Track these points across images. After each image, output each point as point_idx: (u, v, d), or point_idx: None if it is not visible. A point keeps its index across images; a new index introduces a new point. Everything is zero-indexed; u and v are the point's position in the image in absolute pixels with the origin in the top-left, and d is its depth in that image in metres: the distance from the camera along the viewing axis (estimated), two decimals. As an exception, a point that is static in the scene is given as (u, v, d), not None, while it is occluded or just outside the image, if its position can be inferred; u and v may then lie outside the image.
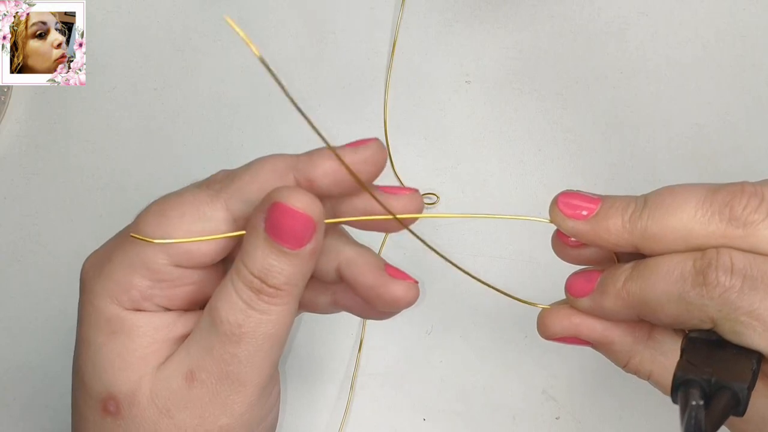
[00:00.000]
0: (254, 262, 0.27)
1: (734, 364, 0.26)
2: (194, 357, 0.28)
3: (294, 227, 0.27)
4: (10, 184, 0.47)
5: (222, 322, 0.27)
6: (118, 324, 0.28)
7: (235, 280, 0.27)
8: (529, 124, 0.47)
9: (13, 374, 0.44)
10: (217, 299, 0.28)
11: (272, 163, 0.29)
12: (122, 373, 0.28)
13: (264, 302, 0.27)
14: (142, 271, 0.28)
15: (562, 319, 0.30)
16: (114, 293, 0.28)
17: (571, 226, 0.28)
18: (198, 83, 0.48)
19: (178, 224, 0.28)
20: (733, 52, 0.47)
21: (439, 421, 0.43)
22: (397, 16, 0.48)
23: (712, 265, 0.25)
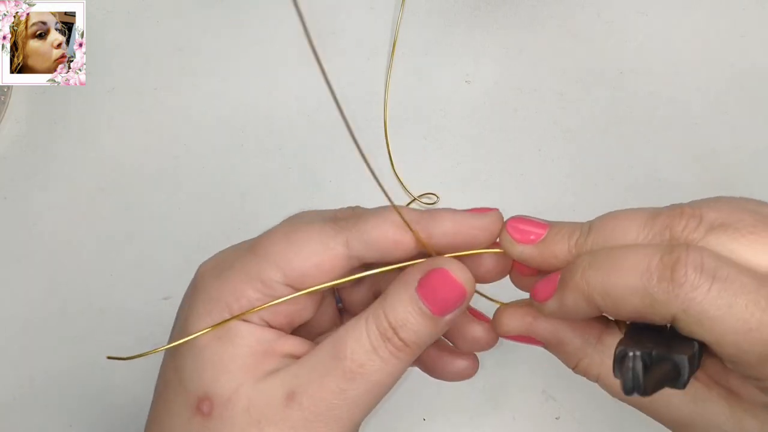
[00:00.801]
0: (394, 313, 0.29)
1: (676, 343, 0.26)
2: (302, 380, 0.28)
3: (447, 296, 0.29)
4: (10, 184, 0.47)
5: (346, 357, 0.28)
6: (224, 329, 0.29)
7: (369, 322, 0.29)
8: (529, 124, 0.47)
9: (13, 374, 0.44)
10: (347, 335, 0.29)
11: (386, 216, 0.30)
12: (222, 376, 0.28)
13: (389, 351, 0.28)
14: (256, 283, 0.29)
15: (516, 318, 0.31)
16: (227, 298, 0.29)
17: (520, 251, 0.30)
18: (198, 83, 0.48)
19: (300, 249, 0.29)
20: (733, 52, 0.47)
21: (439, 421, 0.43)
22: (397, 16, 0.48)
23: (681, 260, 0.25)
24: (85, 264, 0.46)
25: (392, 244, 0.29)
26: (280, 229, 0.30)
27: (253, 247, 0.30)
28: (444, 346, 0.34)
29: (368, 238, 0.29)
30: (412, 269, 0.29)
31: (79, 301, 0.45)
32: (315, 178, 0.46)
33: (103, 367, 0.44)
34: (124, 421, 0.43)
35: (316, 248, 0.29)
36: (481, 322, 0.32)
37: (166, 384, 0.30)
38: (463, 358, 0.34)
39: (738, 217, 0.27)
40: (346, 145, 0.51)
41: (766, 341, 0.24)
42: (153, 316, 0.45)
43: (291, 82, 0.48)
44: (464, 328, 0.32)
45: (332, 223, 0.30)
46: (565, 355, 0.30)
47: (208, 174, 0.47)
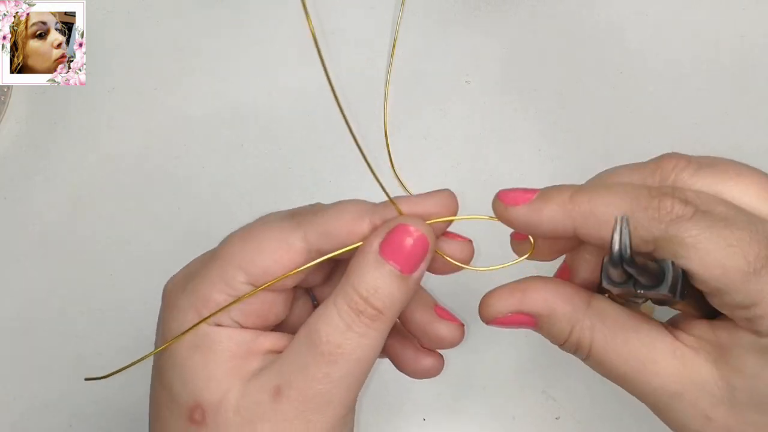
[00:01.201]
0: (363, 282, 0.28)
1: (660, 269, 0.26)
2: (285, 373, 0.28)
3: (413, 249, 0.29)
4: (10, 184, 0.47)
5: (321, 341, 0.28)
6: (200, 337, 0.29)
7: (338, 301, 0.29)
8: (529, 124, 0.47)
9: (13, 374, 0.44)
10: (318, 320, 0.29)
11: (354, 204, 0.31)
12: (209, 384, 0.29)
13: (364, 324, 0.28)
14: (221, 286, 0.29)
15: (504, 298, 0.30)
16: (196, 307, 0.29)
17: (512, 213, 0.30)
18: (198, 83, 0.48)
19: (259, 248, 0.30)
20: (733, 52, 0.47)
21: (439, 421, 0.43)
22: (397, 16, 0.48)
23: (668, 194, 0.27)
24: (85, 264, 0.46)
25: (346, 234, 0.30)
26: (239, 231, 0.31)
27: (214, 253, 0.31)
28: (410, 342, 0.34)
29: (325, 229, 0.30)
30: (370, 237, 0.29)
31: (79, 301, 0.45)
32: (315, 178, 0.46)
33: (103, 366, 0.44)
34: (124, 421, 0.43)
35: (274, 245, 0.29)
36: (444, 320, 0.33)
37: (157, 403, 0.30)
38: (428, 356, 0.34)
39: (725, 164, 0.29)
40: (346, 145, 0.51)
41: (746, 255, 0.25)
42: (153, 316, 0.45)
43: (291, 82, 0.48)
44: (429, 326, 0.32)
45: (289, 219, 0.30)
46: (555, 326, 0.30)
47: (208, 174, 0.47)
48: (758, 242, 0.26)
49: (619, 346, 0.29)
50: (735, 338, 0.27)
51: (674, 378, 0.28)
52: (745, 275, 0.25)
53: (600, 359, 0.29)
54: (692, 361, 0.28)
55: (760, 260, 0.25)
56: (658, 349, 0.28)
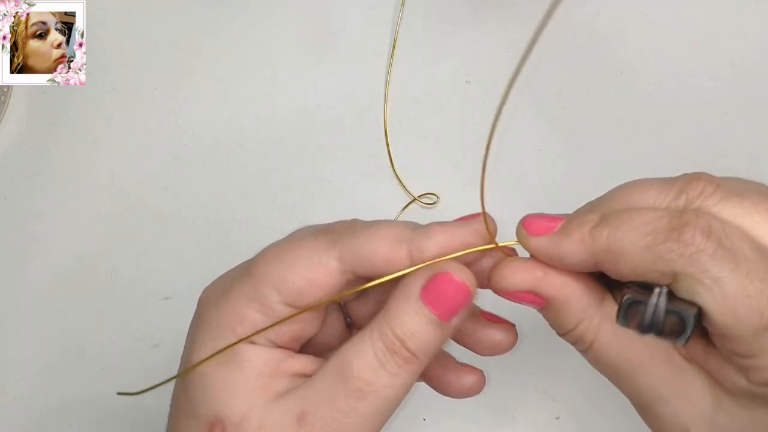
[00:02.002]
0: (400, 324, 0.28)
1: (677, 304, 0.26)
2: (312, 401, 0.28)
3: (452, 300, 0.29)
4: (10, 184, 0.47)
5: (353, 376, 0.28)
6: (230, 353, 0.29)
7: (374, 338, 0.28)
8: (529, 124, 0.47)
9: (13, 374, 0.44)
10: (351, 353, 0.28)
11: (392, 228, 0.30)
12: (232, 400, 0.28)
13: (396, 365, 0.28)
14: (255, 305, 0.29)
15: (523, 272, 0.29)
16: (230, 323, 0.29)
17: (533, 244, 0.29)
18: (198, 83, 0.48)
19: (292, 267, 0.29)
20: (733, 52, 0.47)
21: (439, 421, 0.43)
22: (397, 16, 0.48)
23: (691, 224, 0.26)
24: (85, 264, 0.46)
25: (383, 261, 0.29)
26: (273, 248, 0.30)
27: (248, 269, 0.30)
28: (449, 362, 0.34)
29: (360, 252, 0.29)
30: (411, 277, 0.29)
31: (79, 302, 0.45)
32: (315, 178, 0.46)
33: (103, 366, 0.44)
34: (124, 421, 0.43)
35: (307, 264, 0.29)
36: (497, 324, 0.32)
37: (178, 411, 0.30)
38: (471, 374, 0.34)
39: (753, 192, 0.27)
40: (346, 145, 0.51)
41: (763, 310, 0.25)
42: (153, 316, 0.45)
43: (291, 82, 0.48)
44: (480, 332, 0.32)
45: (324, 237, 0.30)
46: (566, 315, 0.29)
47: (208, 174, 0.47)
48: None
49: (620, 347, 0.29)
50: (726, 373, 0.27)
51: (666, 382, 0.28)
52: (757, 329, 0.25)
53: (598, 356, 0.29)
54: (687, 373, 0.28)
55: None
56: (659, 355, 0.28)
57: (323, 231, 0.30)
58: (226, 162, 0.47)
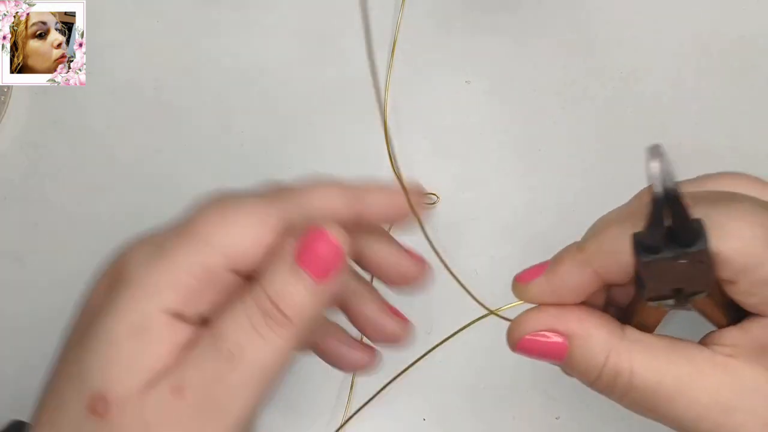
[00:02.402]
0: (272, 284, 0.27)
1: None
2: (185, 371, 0.26)
3: (324, 255, 0.27)
4: (10, 184, 0.47)
5: (223, 339, 0.26)
6: (149, 323, 0.26)
7: (246, 300, 0.27)
8: (529, 124, 0.47)
9: (14, 374, 0.44)
10: (223, 318, 0.27)
11: (328, 183, 0.30)
12: (128, 375, 0.26)
13: (269, 328, 0.26)
14: (197, 271, 0.27)
15: (538, 315, 0.29)
16: (161, 290, 0.27)
17: (532, 288, 0.29)
18: (198, 83, 0.48)
19: (239, 226, 0.28)
20: (733, 52, 0.47)
21: (439, 421, 0.43)
22: (397, 16, 0.48)
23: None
24: (85, 264, 0.45)
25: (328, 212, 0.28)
26: (212, 206, 0.29)
27: (187, 229, 0.28)
28: (342, 336, 0.34)
29: (302, 206, 0.28)
30: (286, 237, 0.28)
31: (79, 301, 0.45)
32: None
33: (103, 367, 0.44)
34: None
35: (253, 221, 0.28)
36: (394, 316, 0.33)
37: (61, 375, 0.28)
38: (360, 351, 0.33)
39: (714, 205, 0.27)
40: (346, 146, 0.51)
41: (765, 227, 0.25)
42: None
43: (291, 81, 0.48)
44: (378, 320, 0.32)
45: (263, 191, 0.29)
46: (591, 351, 0.28)
47: (208, 174, 0.47)
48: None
49: (662, 365, 0.27)
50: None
51: (725, 390, 0.26)
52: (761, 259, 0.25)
53: (643, 384, 0.27)
54: (737, 368, 0.27)
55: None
56: (701, 363, 0.27)
57: (271, 188, 0.29)
58: (226, 162, 0.47)
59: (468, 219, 0.45)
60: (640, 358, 0.27)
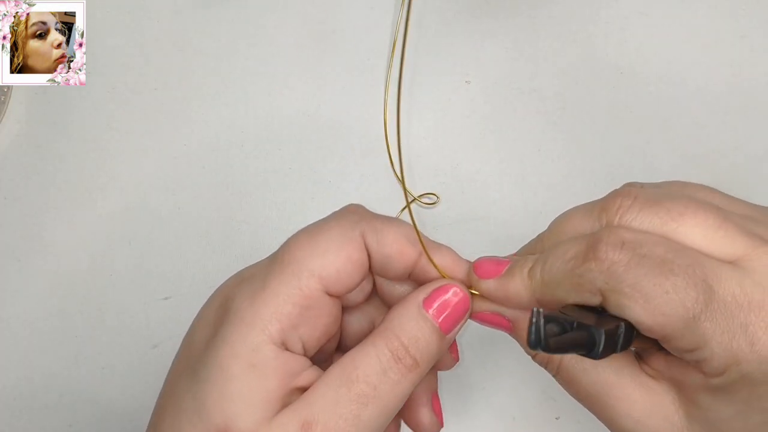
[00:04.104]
0: (405, 332, 0.29)
1: (605, 321, 0.27)
2: (316, 408, 0.27)
3: (456, 309, 0.30)
4: (10, 184, 0.47)
5: (358, 380, 0.28)
6: (261, 356, 0.28)
7: (378, 345, 0.29)
8: (529, 124, 0.47)
9: (14, 374, 0.44)
10: (357, 357, 0.28)
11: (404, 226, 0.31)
12: (248, 409, 0.27)
13: (400, 372, 0.28)
14: (295, 297, 0.28)
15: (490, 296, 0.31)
16: (266, 322, 0.28)
17: (484, 286, 0.31)
18: (198, 83, 0.48)
19: (329, 247, 0.29)
20: (733, 52, 0.47)
21: (439, 421, 0.43)
22: (397, 16, 0.48)
23: (603, 240, 0.27)
24: (85, 264, 0.46)
25: (400, 252, 0.30)
26: (302, 234, 0.30)
27: (280, 259, 0.29)
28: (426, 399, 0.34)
29: (381, 237, 0.30)
30: (417, 289, 0.30)
31: (79, 301, 0.45)
32: (315, 178, 0.46)
33: (103, 367, 0.44)
34: (124, 421, 0.43)
35: (342, 241, 0.29)
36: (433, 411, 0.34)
37: (179, 411, 0.28)
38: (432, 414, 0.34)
39: (667, 198, 0.28)
40: (346, 145, 0.51)
41: (684, 302, 0.25)
42: (153, 316, 0.45)
43: (291, 82, 0.48)
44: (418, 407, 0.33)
45: (347, 216, 0.30)
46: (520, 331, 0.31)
47: (208, 174, 0.47)
48: (695, 286, 0.26)
49: (588, 368, 0.29)
50: (687, 376, 0.28)
51: (639, 406, 0.28)
52: (686, 321, 0.26)
53: (568, 379, 0.30)
54: (655, 390, 0.29)
55: (698, 305, 0.25)
56: (625, 376, 0.29)
57: (348, 212, 0.31)
58: (226, 162, 0.47)
59: (468, 219, 0.45)
60: (570, 359, 0.30)
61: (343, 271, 0.29)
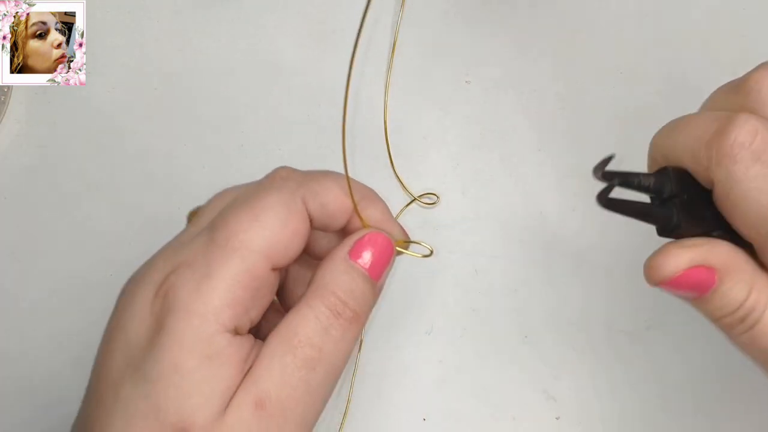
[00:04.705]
0: (339, 286, 0.28)
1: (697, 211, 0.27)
2: (264, 384, 0.26)
3: (382, 257, 0.30)
4: (10, 184, 0.47)
5: (301, 345, 0.27)
6: (216, 347, 0.26)
7: (314, 304, 0.28)
8: (529, 124, 0.47)
9: (14, 374, 0.44)
10: (294, 323, 0.27)
11: (339, 179, 0.30)
12: (207, 403, 0.26)
13: (342, 327, 0.28)
14: (246, 281, 0.27)
15: (683, 252, 0.27)
16: (218, 310, 0.26)
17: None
18: (198, 83, 0.48)
19: (275, 224, 0.28)
20: (733, 52, 0.47)
21: (439, 421, 0.43)
22: (397, 16, 0.48)
23: (732, 132, 0.26)
24: (85, 264, 0.46)
25: (340, 208, 0.30)
26: (239, 209, 0.28)
27: (221, 240, 0.27)
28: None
29: (323, 199, 0.29)
30: (339, 244, 0.30)
31: (79, 301, 0.45)
32: (315, 178, 0.46)
33: (103, 367, 0.44)
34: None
35: (285, 214, 0.28)
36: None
37: (129, 416, 0.26)
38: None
39: None
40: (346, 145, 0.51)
41: None
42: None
43: (291, 81, 0.48)
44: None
45: (285, 183, 0.29)
46: (737, 285, 0.27)
47: (208, 174, 0.47)
48: None
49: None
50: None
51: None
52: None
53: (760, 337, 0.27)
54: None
55: None
56: None
57: (282, 178, 0.30)
58: (226, 162, 0.47)
59: (468, 219, 0.45)
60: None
61: (290, 245, 0.28)
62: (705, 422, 0.42)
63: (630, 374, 0.43)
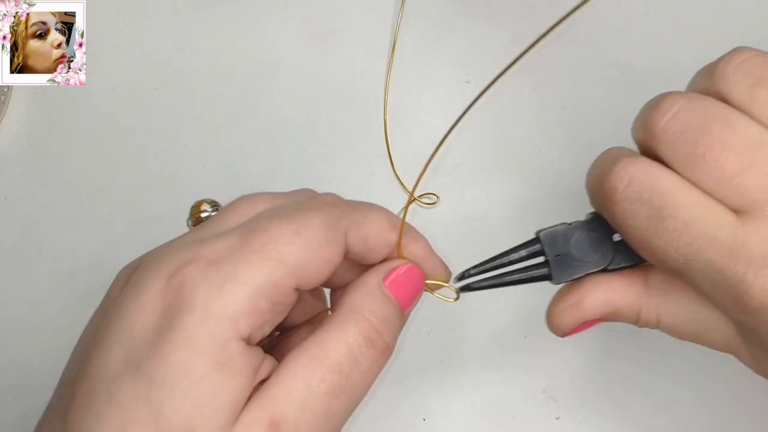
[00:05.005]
0: (375, 312, 0.27)
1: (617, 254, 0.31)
2: (283, 404, 0.25)
3: (414, 289, 0.30)
4: (10, 184, 0.47)
5: (332, 369, 0.25)
6: (229, 353, 0.24)
7: (347, 326, 0.26)
8: (529, 124, 0.47)
9: (14, 374, 0.44)
10: (326, 345, 0.26)
11: (384, 212, 0.30)
12: (216, 414, 0.24)
13: (371, 357, 0.26)
14: (269, 292, 0.25)
15: (565, 314, 0.32)
16: (237, 316, 0.25)
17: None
18: (198, 83, 0.48)
19: (312, 245, 0.26)
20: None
21: (439, 421, 0.43)
22: (397, 16, 0.48)
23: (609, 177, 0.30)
24: (85, 264, 0.46)
25: (383, 242, 0.29)
26: (283, 220, 0.26)
27: (256, 245, 0.26)
28: None
29: (366, 232, 0.28)
30: (372, 270, 0.29)
31: (79, 301, 0.45)
32: (315, 178, 0.46)
33: (103, 367, 0.44)
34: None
35: (324, 240, 0.27)
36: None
37: (126, 420, 0.24)
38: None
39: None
40: (346, 145, 0.51)
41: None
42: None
43: (291, 81, 0.48)
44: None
45: (329, 210, 0.28)
46: (623, 317, 0.32)
47: (208, 174, 0.47)
48: None
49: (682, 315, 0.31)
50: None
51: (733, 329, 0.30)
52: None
53: (669, 330, 0.31)
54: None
55: None
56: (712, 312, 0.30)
57: (327, 203, 0.28)
58: (226, 162, 0.47)
59: (468, 219, 0.45)
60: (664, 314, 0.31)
61: (320, 270, 0.27)
62: (705, 422, 0.42)
63: (630, 374, 0.43)
